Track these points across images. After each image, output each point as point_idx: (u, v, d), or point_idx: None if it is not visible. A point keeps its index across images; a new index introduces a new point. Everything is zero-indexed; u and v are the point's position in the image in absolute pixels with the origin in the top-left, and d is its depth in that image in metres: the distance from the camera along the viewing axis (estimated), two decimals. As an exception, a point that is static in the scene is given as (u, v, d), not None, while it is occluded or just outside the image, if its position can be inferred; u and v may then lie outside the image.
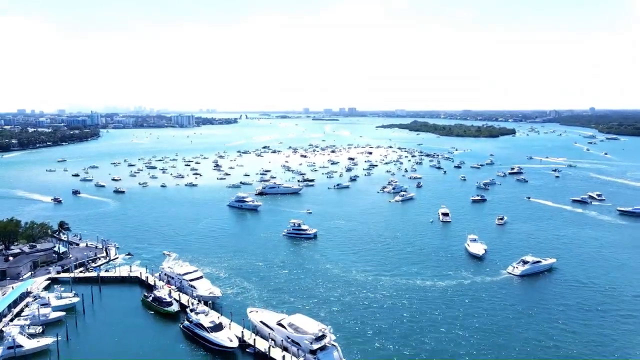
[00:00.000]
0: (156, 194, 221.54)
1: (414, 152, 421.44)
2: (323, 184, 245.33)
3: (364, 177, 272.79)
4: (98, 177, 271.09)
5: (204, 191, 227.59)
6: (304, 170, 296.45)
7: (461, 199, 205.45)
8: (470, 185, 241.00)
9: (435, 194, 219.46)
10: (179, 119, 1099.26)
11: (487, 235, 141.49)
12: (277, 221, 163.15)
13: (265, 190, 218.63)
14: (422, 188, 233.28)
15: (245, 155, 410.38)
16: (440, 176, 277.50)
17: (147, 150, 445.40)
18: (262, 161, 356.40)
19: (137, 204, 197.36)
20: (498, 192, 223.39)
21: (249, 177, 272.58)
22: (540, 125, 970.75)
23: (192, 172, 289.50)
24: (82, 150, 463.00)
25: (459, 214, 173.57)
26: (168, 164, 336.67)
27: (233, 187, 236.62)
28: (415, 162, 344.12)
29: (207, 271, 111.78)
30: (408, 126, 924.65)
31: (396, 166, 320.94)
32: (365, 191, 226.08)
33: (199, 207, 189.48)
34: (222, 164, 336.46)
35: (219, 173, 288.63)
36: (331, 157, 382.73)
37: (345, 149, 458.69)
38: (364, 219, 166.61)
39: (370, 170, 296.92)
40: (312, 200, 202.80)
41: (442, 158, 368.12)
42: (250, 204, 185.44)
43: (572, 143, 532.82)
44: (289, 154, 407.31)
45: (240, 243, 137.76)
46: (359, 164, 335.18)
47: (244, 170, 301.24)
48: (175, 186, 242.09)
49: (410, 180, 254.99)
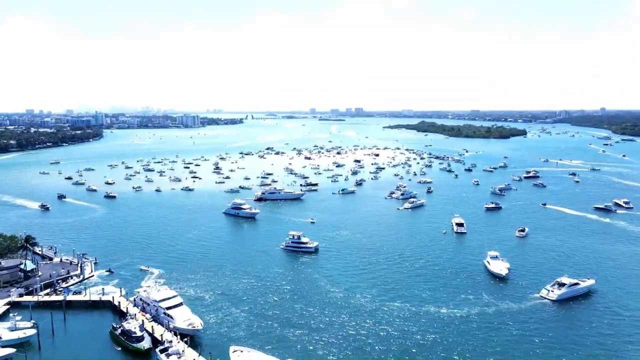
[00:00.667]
0: (149, 199, 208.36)
1: (422, 154, 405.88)
2: (327, 189, 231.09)
3: (371, 181, 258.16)
4: (91, 180, 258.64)
5: (200, 196, 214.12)
6: (307, 173, 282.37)
7: (475, 206, 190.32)
8: (483, 190, 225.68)
9: (447, 200, 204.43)
10: (184, 120, 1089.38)
11: (508, 250, 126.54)
12: (276, 231, 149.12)
13: (265, 195, 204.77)
14: (432, 194, 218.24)
15: (248, 156, 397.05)
16: (451, 180, 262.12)
17: (147, 152, 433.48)
18: (264, 163, 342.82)
19: (127, 210, 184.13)
20: (514, 198, 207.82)
21: (249, 180, 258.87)
22: (552, 126, 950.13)
23: (191, 175, 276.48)
24: (83, 152, 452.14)
25: (474, 223, 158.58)
26: (167, 166, 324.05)
27: (231, 192, 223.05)
28: (425, 164, 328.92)
29: (190, 293, 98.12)
30: (415, 127, 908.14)
31: (404, 169, 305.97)
32: (372, 197, 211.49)
33: (192, 215, 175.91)
34: (222, 166, 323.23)
35: (218, 176, 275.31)
36: (336, 159, 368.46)
37: (351, 150, 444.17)
38: (371, 230, 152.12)
39: (377, 174, 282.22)
40: (315, 207, 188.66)
41: (453, 160, 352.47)
42: (247, 211, 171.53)
43: (587, 144, 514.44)
44: (292, 156, 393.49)
45: (232, 258, 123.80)
46: (366, 166, 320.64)
47: (245, 173, 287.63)
48: (170, 191, 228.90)
49: (419, 185, 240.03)
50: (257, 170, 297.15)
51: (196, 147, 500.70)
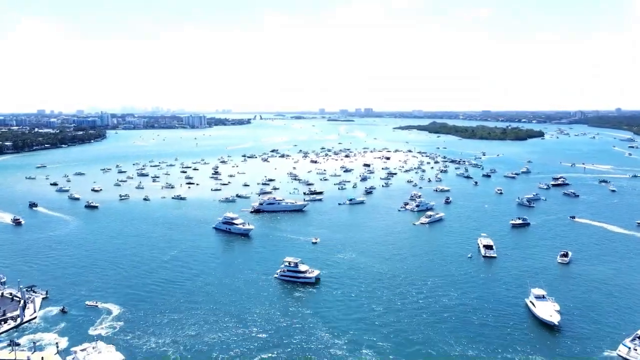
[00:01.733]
0: (134, 210, 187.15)
1: (436, 157, 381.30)
2: (333, 198, 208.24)
3: (382, 189, 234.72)
4: (78, 186, 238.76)
5: (191, 206, 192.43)
6: (312, 179, 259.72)
7: (500, 220, 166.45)
8: (508, 200, 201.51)
9: (468, 212, 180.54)
10: (190, 120, 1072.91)
11: (551, 282, 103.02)
12: (271, 254, 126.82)
13: (263, 206, 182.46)
14: (451, 205, 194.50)
15: (251, 160, 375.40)
16: (470, 188, 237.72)
17: (147, 154, 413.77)
18: (267, 167, 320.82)
19: (104, 224, 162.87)
20: (544, 210, 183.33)
21: (248, 187, 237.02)
22: (568, 127, 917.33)
23: (186, 182, 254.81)
24: (80, 154, 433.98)
25: (502, 245, 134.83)
26: (163, 171, 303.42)
27: (226, 201, 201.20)
28: (440, 169, 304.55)
29: (149, 348, 76.13)
30: (426, 127, 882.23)
31: (418, 175, 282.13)
32: (383, 208, 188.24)
33: (177, 230, 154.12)
34: (222, 170, 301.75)
35: (215, 182, 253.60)
36: (344, 162, 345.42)
37: (360, 153, 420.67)
38: (382, 252, 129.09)
39: (389, 180, 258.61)
40: (319, 221, 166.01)
41: (470, 165, 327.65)
42: (239, 227, 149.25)
43: (610, 147, 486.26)
44: (298, 159, 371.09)
45: (213, 292, 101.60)
46: (376, 171, 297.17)
47: (245, 178, 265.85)
48: (160, 199, 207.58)
49: (436, 194, 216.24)
50: (259, 175, 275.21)
51: (199, 149, 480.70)
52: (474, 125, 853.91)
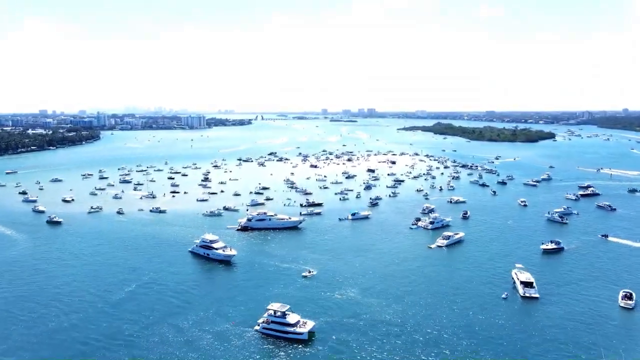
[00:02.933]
0: (103, 226, 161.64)
1: (445, 161, 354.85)
2: (334, 211, 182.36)
3: (388, 200, 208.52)
4: (49, 196, 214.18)
5: (170, 222, 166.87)
6: (311, 188, 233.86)
7: (529, 241, 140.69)
8: (535, 215, 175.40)
9: (491, 230, 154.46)
10: (189, 120, 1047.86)
11: (621, 337, 77.10)
12: (254, 291, 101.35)
13: (252, 223, 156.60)
14: (469, 220, 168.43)
15: (246, 164, 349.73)
16: (488, 199, 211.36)
17: (137, 157, 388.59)
18: (262, 173, 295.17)
19: (60, 246, 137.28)
20: (579, 228, 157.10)
21: (238, 198, 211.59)
22: (578, 128, 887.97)
23: (170, 190, 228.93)
24: (67, 157, 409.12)
25: (539, 275, 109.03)
26: (149, 176, 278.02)
27: (212, 215, 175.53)
28: (451, 175, 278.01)
29: None
30: (432, 129, 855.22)
31: (428, 182, 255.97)
32: (392, 225, 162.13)
33: (145, 254, 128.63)
34: (213, 176, 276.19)
35: (203, 191, 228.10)
36: (347, 167, 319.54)
37: (363, 156, 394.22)
38: (393, 289, 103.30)
39: (396, 189, 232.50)
40: (316, 243, 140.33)
41: (483, 170, 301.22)
42: (219, 252, 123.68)
43: (628, 149, 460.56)
44: (297, 163, 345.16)
45: (169, 353, 76.00)
46: (381, 177, 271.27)
47: (237, 186, 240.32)
48: (136, 212, 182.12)
49: (451, 207, 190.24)
50: (253, 182, 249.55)
51: (193, 151, 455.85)
52: (479, 126, 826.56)
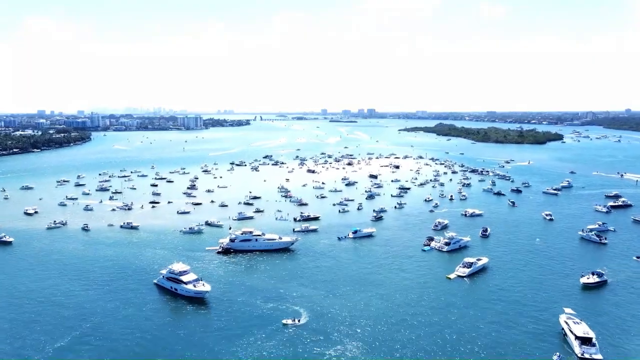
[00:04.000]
0: (60, 246, 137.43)
1: (452, 165, 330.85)
2: (332, 227, 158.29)
3: (394, 212, 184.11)
4: (12, 207, 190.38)
5: (140, 241, 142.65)
6: (307, 197, 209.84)
7: (565, 268, 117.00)
8: (564, 231, 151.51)
9: (518, 254, 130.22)
10: (186, 121, 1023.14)
11: None
12: (227, 348, 77.29)
13: (235, 245, 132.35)
14: (490, 238, 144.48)
15: (239, 168, 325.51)
16: (506, 211, 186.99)
17: (123, 160, 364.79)
18: (255, 179, 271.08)
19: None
20: (621, 249, 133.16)
21: (225, 209, 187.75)
22: (584, 129, 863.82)
23: (149, 201, 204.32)
24: (49, 160, 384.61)
25: (588, 321, 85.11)
26: (130, 183, 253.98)
27: (191, 232, 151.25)
28: (461, 182, 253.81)
29: None
30: (434, 130, 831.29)
31: (436, 189, 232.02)
32: (400, 246, 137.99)
33: (100, 287, 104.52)
34: (200, 183, 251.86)
35: (187, 201, 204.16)
36: (347, 172, 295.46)
37: (364, 160, 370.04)
38: (409, 344, 79.23)
39: (402, 198, 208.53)
40: (309, 271, 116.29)
41: (495, 176, 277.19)
42: (189, 288, 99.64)
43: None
44: (293, 168, 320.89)
45: None
46: (384, 184, 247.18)
47: (225, 195, 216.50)
48: (105, 228, 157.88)
49: (466, 221, 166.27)
50: (243, 190, 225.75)
51: (185, 154, 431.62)
52: (481, 126, 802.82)
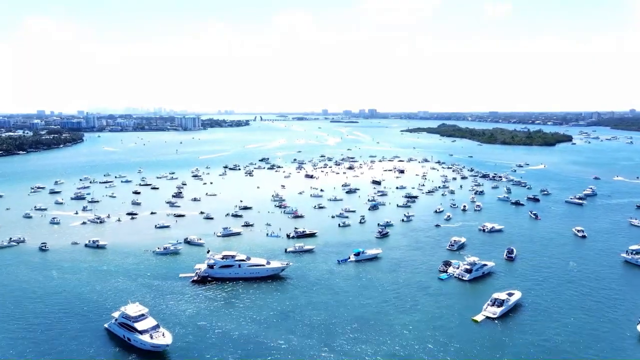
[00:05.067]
0: (7, 270, 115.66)
1: (461, 169, 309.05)
2: (331, 246, 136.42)
3: (401, 226, 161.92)
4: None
5: (102, 267, 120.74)
6: (303, 208, 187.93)
7: (610, 303, 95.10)
8: (601, 252, 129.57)
9: (553, 283, 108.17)
10: (183, 122, 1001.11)
11: None
12: None
13: (214, 272, 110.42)
14: (517, 262, 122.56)
15: (232, 172, 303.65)
16: (529, 225, 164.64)
17: (108, 164, 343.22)
18: (248, 185, 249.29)
19: None
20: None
21: (210, 222, 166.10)
22: (592, 130, 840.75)
23: (127, 212, 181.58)
24: (33, 163, 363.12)
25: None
26: (111, 190, 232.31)
27: (166, 252, 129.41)
28: (473, 189, 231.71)
29: None
30: (437, 130, 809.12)
31: (446, 198, 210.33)
32: (411, 272, 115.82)
33: (37, 332, 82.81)
34: (187, 191, 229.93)
35: (170, 211, 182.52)
36: (347, 177, 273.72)
37: (366, 163, 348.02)
38: None
39: (409, 209, 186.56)
40: (301, 310, 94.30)
41: (509, 181, 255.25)
42: (144, 340, 77.77)
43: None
44: (290, 172, 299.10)
45: None
46: (388, 192, 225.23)
47: (213, 204, 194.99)
48: (67, 246, 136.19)
49: (485, 238, 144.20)
50: (233, 198, 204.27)
51: (177, 156, 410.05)
52: (484, 127, 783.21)
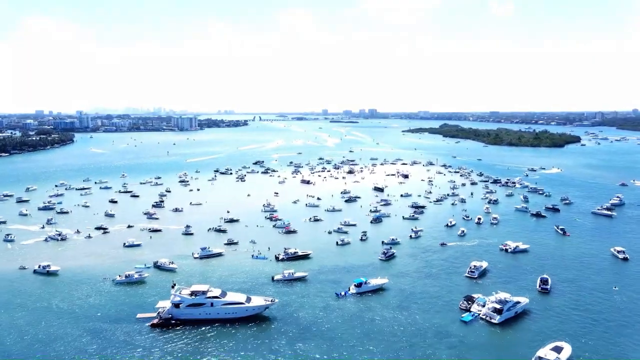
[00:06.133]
0: None
1: (469, 173, 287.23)
2: (326, 273, 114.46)
3: (409, 244, 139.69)
4: None
5: (42, 304, 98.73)
6: (297, 221, 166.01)
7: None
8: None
9: (602, 328, 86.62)
10: (179, 122, 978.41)
11: None
12: None
13: (180, 312, 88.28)
14: (552, 296, 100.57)
15: (223, 177, 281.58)
16: (557, 242, 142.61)
17: (93, 167, 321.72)
18: (238, 192, 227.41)
19: None
20: None
21: (189, 239, 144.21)
22: (598, 130, 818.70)
23: (95, 226, 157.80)
24: (11, 167, 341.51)
25: None
26: (86, 198, 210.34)
27: (127, 282, 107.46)
28: (486, 197, 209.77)
29: None
30: (440, 131, 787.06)
31: (456, 208, 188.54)
32: (425, 309, 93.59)
33: None
34: (170, 199, 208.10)
35: (144, 225, 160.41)
36: (347, 183, 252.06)
37: (367, 166, 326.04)
38: None
39: (417, 222, 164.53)
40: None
41: (523, 187, 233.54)
42: None
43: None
44: (286, 176, 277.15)
45: None
46: (393, 201, 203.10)
47: (196, 216, 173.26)
48: (13, 272, 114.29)
49: (509, 261, 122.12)
50: (220, 209, 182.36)
51: (168, 158, 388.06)
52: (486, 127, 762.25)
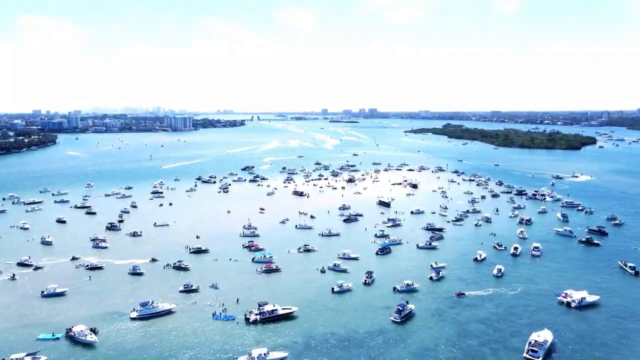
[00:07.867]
0: None
1: (485, 182, 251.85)
2: (317, 347, 79.20)
3: (432, 293, 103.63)
4: None
5: None
6: (282, 250, 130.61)
7: None
8: None
9: None
10: (173, 122, 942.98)
11: None
12: None
13: None
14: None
15: (205, 187, 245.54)
16: (629, 286, 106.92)
17: (60, 174, 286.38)
18: (219, 206, 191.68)
19: None
20: None
21: (138, 281, 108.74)
22: (609, 130, 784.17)
23: (22, 259, 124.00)
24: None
25: None
26: (29, 217, 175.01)
27: None
28: (515, 214, 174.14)
29: None
30: (444, 131, 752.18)
31: (482, 230, 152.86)
32: None
33: None
34: (131, 217, 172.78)
35: (87, 258, 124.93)
36: (346, 194, 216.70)
37: (369, 173, 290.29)
38: None
39: (435, 253, 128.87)
40: None
41: (555, 201, 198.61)
42: None
43: None
44: (276, 186, 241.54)
45: None
46: (402, 221, 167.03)
47: (159, 241, 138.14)
48: None
49: (575, 323, 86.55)
50: (189, 233, 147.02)
51: (150, 163, 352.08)
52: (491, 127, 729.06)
